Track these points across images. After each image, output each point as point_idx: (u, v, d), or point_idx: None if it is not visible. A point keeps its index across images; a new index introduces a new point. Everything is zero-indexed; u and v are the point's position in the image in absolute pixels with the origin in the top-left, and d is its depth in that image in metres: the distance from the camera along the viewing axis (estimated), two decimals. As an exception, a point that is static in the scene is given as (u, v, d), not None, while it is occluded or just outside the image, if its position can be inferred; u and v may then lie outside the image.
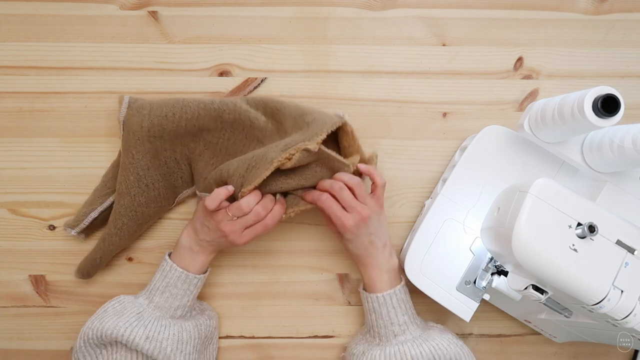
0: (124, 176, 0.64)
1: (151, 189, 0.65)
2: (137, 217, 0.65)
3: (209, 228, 0.60)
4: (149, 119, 0.63)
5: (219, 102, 0.65)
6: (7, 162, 0.69)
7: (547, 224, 0.50)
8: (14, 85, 0.69)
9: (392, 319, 0.61)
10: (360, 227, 0.60)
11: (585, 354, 0.71)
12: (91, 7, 0.70)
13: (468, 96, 0.72)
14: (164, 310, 0.61)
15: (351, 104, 0.71)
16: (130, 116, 0.64)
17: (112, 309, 0.60)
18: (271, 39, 0.71)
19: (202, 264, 0.63)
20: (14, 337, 0.69)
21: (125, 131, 0.64)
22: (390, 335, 0.61)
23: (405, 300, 0.62)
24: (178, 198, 0.68)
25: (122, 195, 0.64)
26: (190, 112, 0.64)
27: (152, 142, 0.64)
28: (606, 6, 0.73)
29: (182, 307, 0.61)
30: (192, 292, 0.62)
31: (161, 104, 0.64)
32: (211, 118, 0.64)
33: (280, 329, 0.70)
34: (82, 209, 0.66)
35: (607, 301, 0.49)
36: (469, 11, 0.72)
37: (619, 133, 0.52)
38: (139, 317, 0.59)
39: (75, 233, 0.65)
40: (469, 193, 0.64)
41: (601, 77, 0.73)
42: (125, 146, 0.64)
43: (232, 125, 0.65)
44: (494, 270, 0.62)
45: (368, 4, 0.72)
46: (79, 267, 0.67)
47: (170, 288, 0.61)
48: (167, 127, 0.63)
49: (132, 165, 0.63)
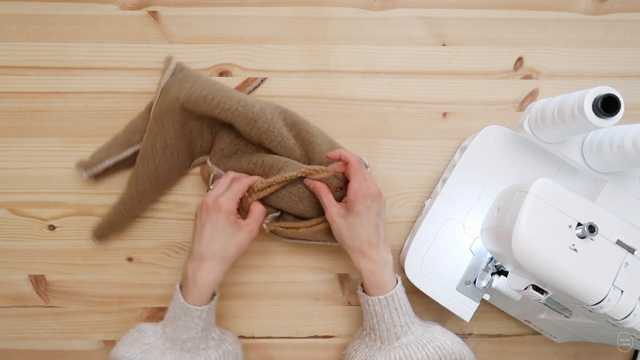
0: (150, 142, 0.63)
1: (175, 157, 0.65)
2: (159, 183, 0.65)
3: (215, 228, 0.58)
4: (187, 94, 0.62)
5: (259, 107, 0.63)
6: (7, 162, 0.69)
7: (547, 224, 0.50)
8: (14, 85, 0.69)
9: (395, 320, 0.58)
10: (375, 200, 0.59)
11: (585, 354, 0.71)
12: (91, 7, 0.70)
13: (468, 96, 0.72)
14: (174, 342, 0.57)
15: (351, 104, 0.71)
16: (171, 84, 0.63)
17: (131, 336, 0.59)
18: (271, 39, 0.71)
19: (211, 291, 0.59)
20: (14, 337, 0.69)
21: (161, 98, 0.63)
22: (393, 338, 0.58)
23: (404, 300, 0.60)
24: (194, 162, 0.68)
25: (146, 160, 0.64)
26: (228, 105, 0.62)
27: (183, 113, 0.63)
28: (606, 6, 0.73)
29: (190, 340, 0.57)
30: (198, 324, 0.57)
31: (204, 84, 0.63)
32: (245, 119, 0.63)
33: (280, 329, 0.70)
34: (98, 153, 0.66)
35: (607, 301, 0.49)
36: (469, 11, 0.73)
37: (619, 133, 0.52)
38: (147, 348, 0.57)
39: (86, 176, 0.65)
40: (469, 193, 0.64)
41: (601, 77, 0.73)
42: (157, 113, 0.63)
43: (261, 135, 0.64)
44: (494, 270, 0.62)
45: (368, 4, 0.72)
46: (96, 230, 0.66)
47: (177, 320, 0.57)
48: (202, 108, 0.63)
49: (161, 133, 0.63)
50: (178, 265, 0.69)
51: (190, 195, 0.69)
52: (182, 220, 0.69)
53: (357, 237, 0.59)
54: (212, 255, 0.58)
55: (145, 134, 0.64)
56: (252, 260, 0.70)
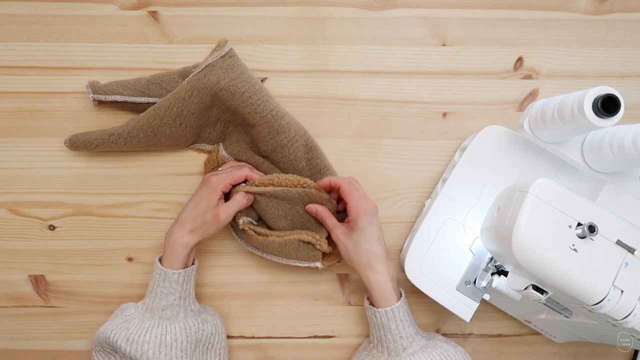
0: (169, 102, 0.64)
1: (180, 129, 0.65)
2: (152, 140, 0.65)
3: (197, 198, 0.62)
4: (228, 83, 0.63)
5: (287, 122, 0.65)
6: (7, 162, 0.69)
7: (547, 224, 0.50)
8: (14, 85, 0.69)
9: (401, 332, 0.60)
10: (374, 215, 0.62)
11: (585, 354, 0.71)
12: (91, 7, 0.70)
13: (468, 96, 0.72)
14: (153, 311, 0.60)
15: (351, 104, 0.71)
16: (218, 66, 0.64)
17: (114, 314, 0.63)
18: (271, 39, 0.71)
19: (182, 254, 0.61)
20: (14, 337, 0.69)
21: (203, 73, 0.63)
22: (400, 349, 0.60)
23: (408, 312, 0.62)
24: (192, 145, 0.69)
25: (155, 115, 0.64)
26: (261, 108, 0.64)
27: (214, 98, 0.64)
28: (606, 6, 0.73)
29: (169, 307, 0.60)
30: (175, 289, 0.60)
31: (246, 80, 0.64)
32: (270, 127, 0.64)
33: (280, 329, 0.70)
34: (114, 85, 0.66)
35: (607, 301, 0.49)
36: (469, 11, 0.73)
37: (619, 133, 0.52)
38: (127, 319, 0.60)
39: (92, 98, 0.65)
40: (469, 193, 0.64)
41: (601, 77, 0.73)
42: (192, 82, 0.64)
43: (277, 148, 0.65)
44: (494, 270, 0.62)
45: (368, 4, 0.72)
46: (72, 137, 0.65)
47: (155, 287, 0.61)
48: (235, 101, 0.64)
49: (184, 101, 0.64)
50: (178, 265, 0.69)
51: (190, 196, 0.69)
52: (182, 220, 0.69)
53: (364, 252, 0.61)
54: (183, 221, 0.62)
55: (171, 93, 0.64)
56: (252, 260, 0.70)
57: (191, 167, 0.70)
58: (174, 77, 0.67)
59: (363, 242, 0.61)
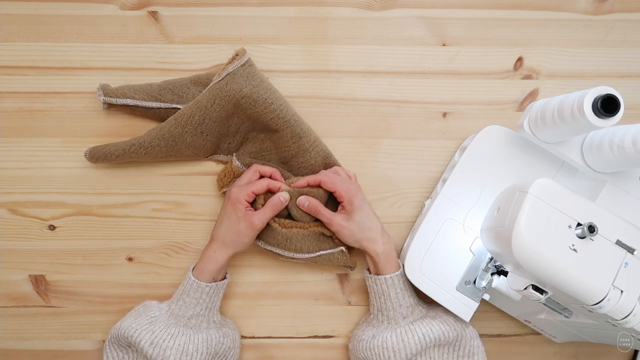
0: (191, 111, 0.64)
1: (201, 138, 0.66)
2: (173, 149, 0.65)
3: (225, 213, 0.63)
4: (250, 91, 0.64)
5: (307, 127, 0.67)
6: (7, 162, 0.69)
7: (547, 224, 0.50)
8: (14, 85, 0.69)
9: (400, 300, 0.62)
10: (361, 191, 0.65)
11: (585, 354, 0.71)
12: (91, 7, 0.70)
13: (468, 96, 0.72)
14: (178, 318, 0.61)
15: (351, 104, 0.71)
16: (239, 75, 0.64)
17: (136, 311, 0.63)
18: (271, 39, 0.71)
19: (212, 269, 0.62)
20: (14, 337, 0.69)
21: (225, 81, 0.64)
22: (399, 317, 0.61)
23: (408, 282, 0.63)
24: (211, 156, 0.69)
25: (176, 123, 0.64)
26: (284, 114, 0.65)
27: (236, 106, 0.65)
28: (606, 6, 0.73)
29: (195, 317, 0.61)
30: (205, 300, 0.62)
31: (267, 88, 0.65)
32: (293, 132, 0.66)
33: (280, 329, 0.70)
34: (125, 89, 0.66)
35: (607, 301, 0.49)
36: (469, 11, 0.73)
37: (618, 133, 0.52)
38: (152, 321, 0.60)
39: (102, 100, 0.65)
40: (469, 193, 0.64)
41: (601, 77, 0.73)
42: (214, 91, 0.64)
43: (299, 152, 0.66)
44: (494, 270, 0.62)
45: (368, 4, 0.72)
46: (92, 149, 0.65)
47: (184, 296, 0.62)
48: (257, 109, 0.64)
49: (207, 109, 0.64)
50: (178, 265, 0.69)
51: (190, 196, 0.69)
52: (182, 220, 0.69)
53: (368, 228, 0.63)
54: (216, 237, 0.63)
55: (192, 102, 0.65)
56: (252, 260, 0.70)
57: (191, 167, 0.70)
58: (186, 83, 0.67)
59: (365, 218, 0.63)
